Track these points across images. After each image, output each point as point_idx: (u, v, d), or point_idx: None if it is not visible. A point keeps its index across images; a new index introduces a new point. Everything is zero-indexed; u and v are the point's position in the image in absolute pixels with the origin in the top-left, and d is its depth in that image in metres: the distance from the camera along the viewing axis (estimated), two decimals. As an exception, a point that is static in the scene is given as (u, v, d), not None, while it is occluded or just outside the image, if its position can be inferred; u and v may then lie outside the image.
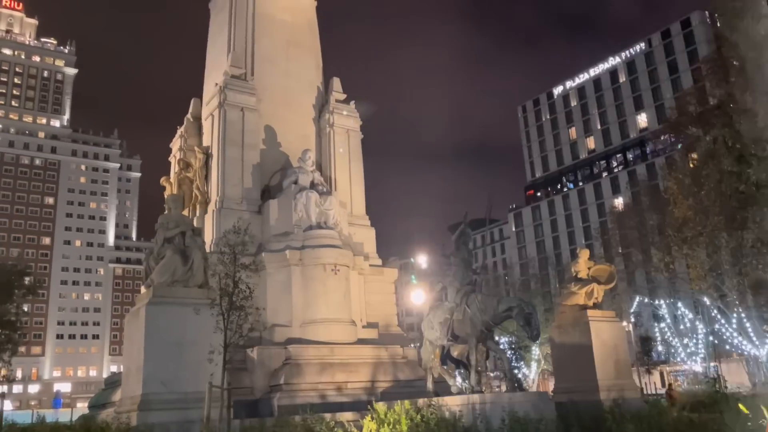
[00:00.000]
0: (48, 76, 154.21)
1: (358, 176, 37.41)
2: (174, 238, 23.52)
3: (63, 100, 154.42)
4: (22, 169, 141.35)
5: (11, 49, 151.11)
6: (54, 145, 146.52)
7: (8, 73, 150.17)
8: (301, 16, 40.12)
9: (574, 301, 26.40)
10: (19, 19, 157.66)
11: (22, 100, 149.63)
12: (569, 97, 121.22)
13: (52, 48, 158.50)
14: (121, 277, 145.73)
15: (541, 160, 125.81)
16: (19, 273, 42.08)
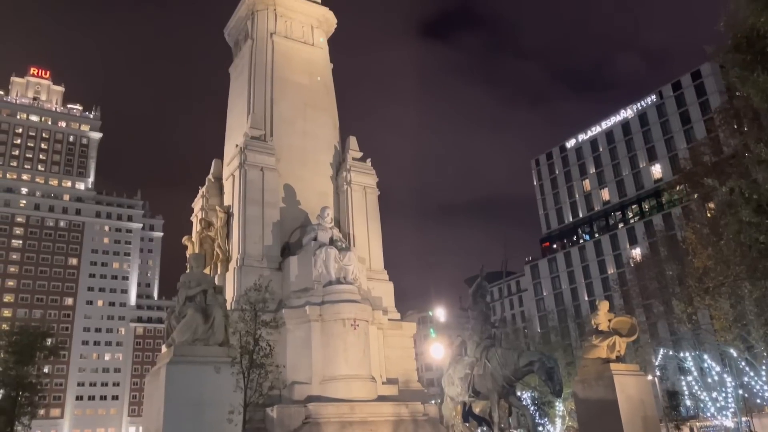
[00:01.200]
0: (73, 140, 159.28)
1: (376, 232, 37.94)
2: (195, 297, 23.86)
3: (88, 163, 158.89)
4: (47, 231, 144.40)
5: (38, 115, 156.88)
6: (78, 207, 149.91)
7: (35, 139, 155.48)
8: (318, 79, 41.67)
9: (596, 354, 25.99)
10: (46, 87, 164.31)
11: (49, 164, 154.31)
12: (582, 149, 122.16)
13: (77, 114, 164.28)
14: (142, 337, 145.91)
15: (556, 213, 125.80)
16: (42, 335, 42.52)
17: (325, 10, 43.30)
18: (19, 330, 42.44)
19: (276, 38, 40.30)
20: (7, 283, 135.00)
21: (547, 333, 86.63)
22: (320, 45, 42.63)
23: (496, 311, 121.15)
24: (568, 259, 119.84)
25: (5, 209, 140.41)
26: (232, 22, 43.82)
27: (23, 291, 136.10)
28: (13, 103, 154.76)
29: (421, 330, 53.98)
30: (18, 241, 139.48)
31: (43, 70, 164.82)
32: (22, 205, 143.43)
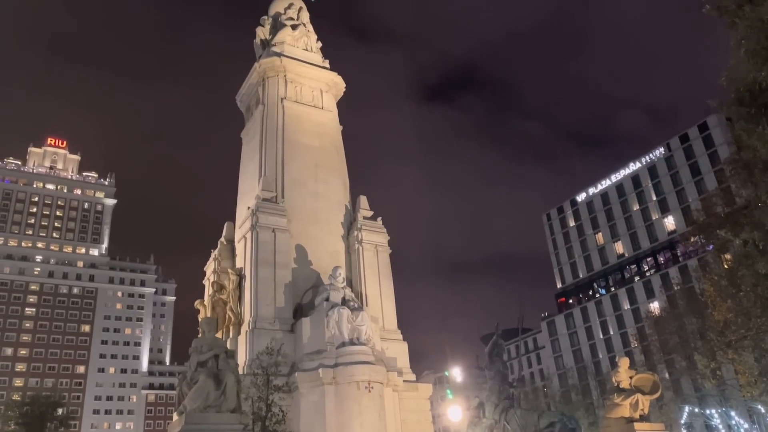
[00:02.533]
0: (88, 207, 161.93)
1: (389, 291, 37.62)
2: (207, 362, 23.50)
3: (102, 229, 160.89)
4: (60, 298, 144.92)
5: (54, 184, 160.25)
6: (92, 274, 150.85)
7: (51, 207, 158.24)
8: (328, 141, 42.43)
9: (619, 413, 25.21)
10: (63, 156, 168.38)
11: (63, 231, 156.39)
12: (593, 203, 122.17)
13: (93, 181, 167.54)
14: (153, 404, 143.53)
15: (570, 267, 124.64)
16: (53, 405, 41.94)
17: (333, 74, 44.49)
18: (30, 400, 41.92)
19: (286, 103, 41.30)
20: (19, 352, 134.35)
21: (567, 391, 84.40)
22: (329, 108, 43.60)
23: (513, 370, 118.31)
24: (585, 314, 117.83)
25: (20, 277, 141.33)
26: (244, 89, 45.07)
27: (35, 360, 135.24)
28: (30, 172, 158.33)
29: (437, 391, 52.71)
30: (31, 309, 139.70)
31: (60, 139, 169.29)
32: (36, 273, 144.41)
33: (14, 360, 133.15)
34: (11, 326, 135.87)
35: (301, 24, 45.89)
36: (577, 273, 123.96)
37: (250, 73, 43.89)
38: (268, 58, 42.50)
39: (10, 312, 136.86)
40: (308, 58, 44.51)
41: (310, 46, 45.63)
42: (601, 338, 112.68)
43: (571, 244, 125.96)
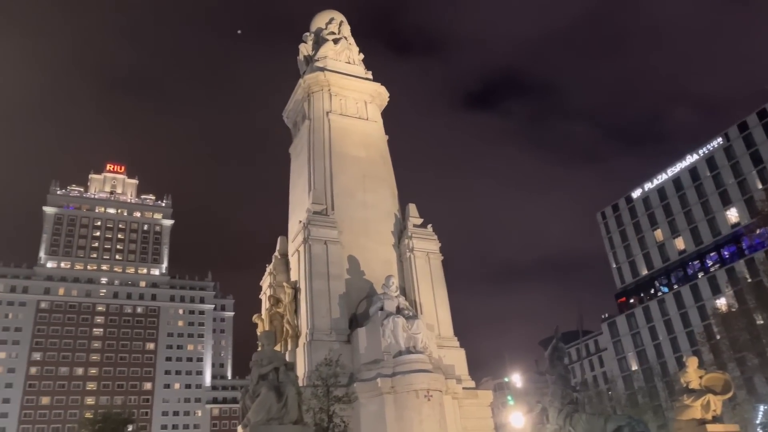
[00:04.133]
0: (147, 229, 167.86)
1: (443, 298, 37.42)
2: (268, 375, 23.89)
3: (161, 249, 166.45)
4: (125, 317, 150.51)
5: (115, 208, 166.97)
6: (154, 293, 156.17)
7: (113, 230, 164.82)
8: (374, 151, 42.71)
9: (689, 415, 24.24)
10: (122, 181, 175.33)
11: (125, 253, 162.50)
12: (649, 199, 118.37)
13: (150, 203, 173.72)
14: (218, 418, 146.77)
15: (629, 266, 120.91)
16: (123, 422, 43.46)
17: (377, 85, 44.82)
18: (102, 417, 43.51)
19: (332, 116, 41.83)
20: (89, 372, 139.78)
21: (633, 394, 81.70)
22: (374, 119, 43.92)
23: (575, 373, 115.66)
24: (647, 314, 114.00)
25: (87, 299, 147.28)
26: (290, 105, 45.89)
27: (105, 378, 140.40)
28: (92, 198, 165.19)
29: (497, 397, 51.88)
30: (99, 329, 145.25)
31: (119, 165, 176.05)
32: (102, 294, 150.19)
33: (85, 379, 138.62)
34: (81, 347, 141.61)
35: (343, 38, 46.50)
36: (636, 272, 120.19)
37: (295, 89, 44.69)
38: (312, 74, 43.18)
39: (79, 333, 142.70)
40: (351, 70, 45.01)
41: (353, 59, 46.15)
42: (666, 338, 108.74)
43: (628, 242, 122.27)
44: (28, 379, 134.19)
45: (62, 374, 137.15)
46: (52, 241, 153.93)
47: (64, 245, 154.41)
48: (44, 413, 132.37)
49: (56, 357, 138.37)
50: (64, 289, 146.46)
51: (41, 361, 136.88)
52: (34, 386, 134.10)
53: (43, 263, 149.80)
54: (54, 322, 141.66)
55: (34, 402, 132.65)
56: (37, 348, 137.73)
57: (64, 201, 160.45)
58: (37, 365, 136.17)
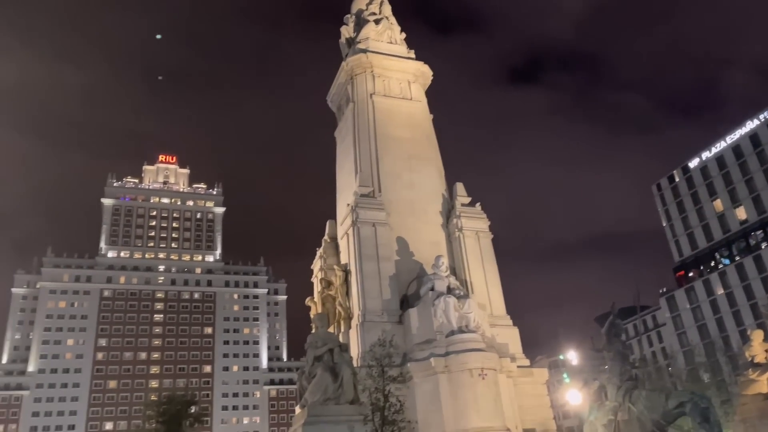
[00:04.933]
0: (201, 217, 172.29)
1: (494, 276, 37.10)
2: (323, 356, 24.30)
3: (214, 236, 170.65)
4: (183, 303, 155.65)
5: (169, 197, 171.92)
6: (209, 279, 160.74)
7: (167, 219, 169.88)
8: (419, 131, 42.40)
9: (755, 389, 23.48)
10: (174, 171, 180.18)
11: (181, 241, 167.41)
12: (708, 168, 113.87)
13: (202, 192, 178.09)
14: (275, 399, 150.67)
15: (688, 238, 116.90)
16: (187, 403, 44.98)
17: (420, 64, 44.34)
18: (166, 400, 45.16)
19: (376, 98, 41.67)
20: (152, 356, 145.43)
21: (694, 369, 79.53)
22: (418, 98, 43.53)
23: (633, 350, 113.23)
24: (708, 287, 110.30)
25: (146, 287, 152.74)
26: (334, 89, 45.94)
27: (167, 362, 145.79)
28: (146, 188, 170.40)
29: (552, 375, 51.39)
30: (159, 315, 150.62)
31: (170, 156, 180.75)
32: (161, 282, 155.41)
33: (148, 363, 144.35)
34: (143, 332, 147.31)
35: (384, 18, 46.10)
36: (695, 244, 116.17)
37: (338, 72, 44.66)
38: (354, 56, 43.05)
39: (140, 319, 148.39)
40: (393, 50, 44.64)
41: (395, 39, 45.73)
42: (729, 311, 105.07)
43: (686, 214, 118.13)
44: (95, 364, 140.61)
45: (127, 359, 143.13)
46: (111, 231, 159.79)
47: (123, 235, 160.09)
48: (112, 396, 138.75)
49: (120, 343, 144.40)
50: (125, 278, 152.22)
51: (107, 347, 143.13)
52: (101, 371, 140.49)
53: (104, 253, 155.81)
54: (117, 310, 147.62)
55: (101, 386, 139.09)
56: (102, 335, 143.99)
57: (121, 192, 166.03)
58: (103, 351, 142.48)
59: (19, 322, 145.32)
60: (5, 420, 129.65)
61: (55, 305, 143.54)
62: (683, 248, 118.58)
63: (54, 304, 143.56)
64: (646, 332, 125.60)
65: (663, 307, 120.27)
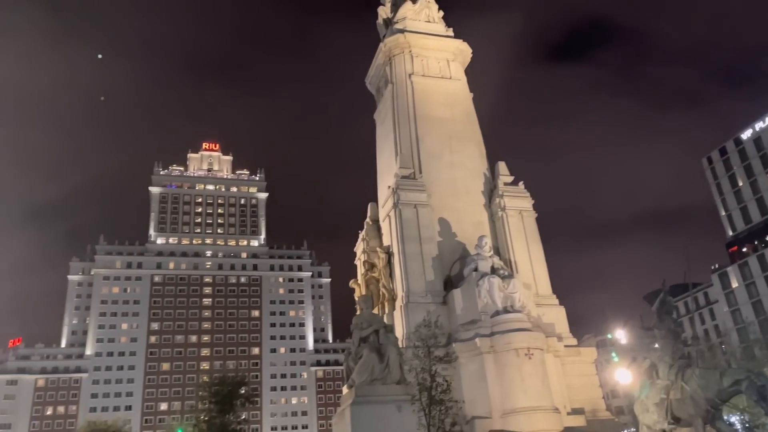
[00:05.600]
0: (244, 203, 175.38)
1: (538, 255, 36.66)
2: (369, 337, 24.65)
3: (258, 221, 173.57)
4: (230, 287, 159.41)
5: (213, 184, 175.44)
6: (255, 263, 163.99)
7: (213, 205, 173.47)
8: (459, 110, 41.91)
9: (815, 367, 22.64)
10: (217, 158, 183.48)
11: (226, 226, 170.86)
12: (761, 139, 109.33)
13: (245, 178, 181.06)
14: (322, 379, 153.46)
15: (741, 212, 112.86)
16: (238, 384, 46.13)
17: (458, 42, 43.71)
18: (218, 381, 46.40)
19: (414, 78, 41.33)
20: (202, 339, 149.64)
21: (749, 347, 77.19)
22: (458, 77, 42.99)
23: (684, 328, 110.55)
24: (762, 263, 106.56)
25: (195, 272, 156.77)
26: (372, 71, 45.74)
27: (216, 344, 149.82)
28: (191, 176, 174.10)
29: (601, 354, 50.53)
30: (208, 299, 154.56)
31: (213, 143, 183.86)
32: (208, 267, 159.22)
33: (199, 346, 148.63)
34: (193, 316, 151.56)
35: (421, -4, 45.47)
36: (749, 218, 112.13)
37: (376, 54, 44.41)
38: (392, 37, 42.71)
39: (190, 303, 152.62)
40: (431, 29, 44.09)
41: (432, 17, 45.14)
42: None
43: (739, 187, 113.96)
44: (148, 347, 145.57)
45: (178, 342, 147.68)
46: (159, 219, 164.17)
47: (171, 222, 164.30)
48: (165, 378, 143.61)
49: (172, 326, 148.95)
50: (174, 263, 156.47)
51: (159, 330, 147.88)
52: (154, 354, 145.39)
53: (154, 240, 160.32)
54: (167, 294, 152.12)
55: (155, 368, 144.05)
56: (155, 319, 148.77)
57: (167, 180, 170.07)
58: (156, 335, 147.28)
59: (76, 308, 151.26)
60: (66, 401, 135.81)
61: (108, 291, 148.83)
62: (736, 223, 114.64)
63: (108, 290, 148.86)
64: (698, 309, 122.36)
65: (715, 283, 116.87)
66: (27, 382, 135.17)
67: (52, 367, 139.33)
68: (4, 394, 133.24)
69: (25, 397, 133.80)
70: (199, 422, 46.54)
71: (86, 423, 63.50)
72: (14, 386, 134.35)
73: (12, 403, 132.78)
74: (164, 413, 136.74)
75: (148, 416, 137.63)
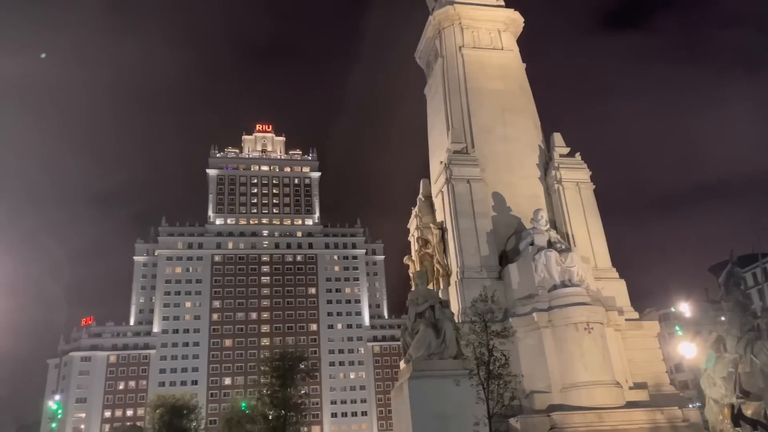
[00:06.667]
0: (298, 182, 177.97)
1: (597, 228, 35.79)
2: (424, 313, 24.83)
3: (312, 201, 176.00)
4: (287, 266, 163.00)
5: (268, 165, 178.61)
6: (310, 242, 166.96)
7: (268, 186, 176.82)
8: (512, 82, 41.00)
9: None
10: (270, 139, 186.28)
11: (281, 206, 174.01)
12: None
13: (298, 158, 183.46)
14: (379, 355, 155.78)
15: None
16: (297, 359, 47.42)
17: (510, 11, 42.63)
18: (278, 356, 47.80)
19: (465, 50, 40.64)
20: (262, 316, 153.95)
21: (823, 319, 73.58)
22: (510, 47, 42.02)
23: (753, 300, 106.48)
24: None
25: (253, 251, 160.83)
26: (421, 45, 45.21)
27: (275, 321, 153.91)
28: (246, 157, 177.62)
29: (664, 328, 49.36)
30: (266, 277, 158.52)
31: (266, 124, 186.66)
32: (265, 246, 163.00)
33: (259, 323, 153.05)
34: (252, 294, 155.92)
35: (469, -35, 44.44)
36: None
37: (425, 27, 43.82)
38: (441, 9, 42.02)
39: (249, 282, 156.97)
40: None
41: (482, -13, 44.09)
42: None
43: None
44: (211, 324, 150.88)
45: (239, 319, 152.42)
46: (217, 200, 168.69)
47: (228, 203, 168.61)
48: (228, 354, 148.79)
49: (233, 304, 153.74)
50: (232, 243, 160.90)
51: (220, 308, 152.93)
52: (217, 330, 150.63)
53: (213, 221, 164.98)
54: (227, 273, 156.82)
55: (218, 344, 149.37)
56: (216, 297, 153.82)
57: (223, 162, 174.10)
58: (218, 312, 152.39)
59: (142, 288, 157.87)
60: (136, 376, 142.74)
61: (172, 271, 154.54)
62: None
63: (171, 270, 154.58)
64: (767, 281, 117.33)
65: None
66: (100, 358, 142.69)
67: (123, 344, 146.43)
68: (80, 369, 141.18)
69: (99, 373, 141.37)
70: (263, 396, 48.17)
71: (156, 396, 66.61)
72: (88, 362, 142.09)
73: (87, 378, 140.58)
74: (228, 387, 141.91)
75: (213, 390, 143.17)
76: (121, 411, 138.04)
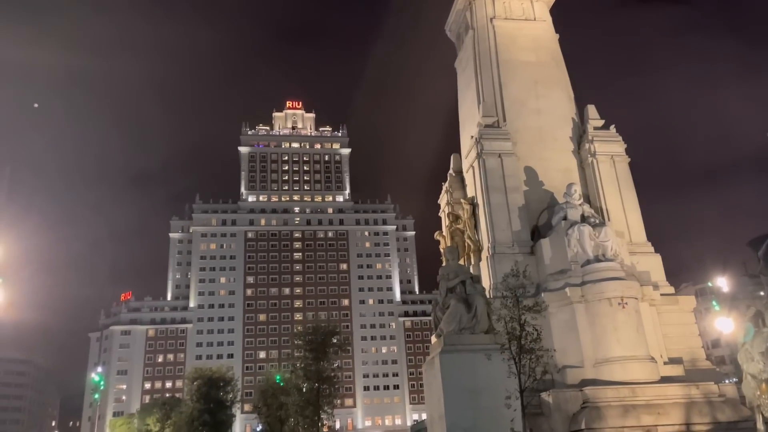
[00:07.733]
0: (328, 159, 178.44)
1: (632, 202, 35.11)
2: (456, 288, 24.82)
3: (342, 177, 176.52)
4: (318, 242, 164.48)
5: (298, 142, 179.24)
6: (341, 218, 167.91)
7: (299, 162, 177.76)
8: (545, 53, 40.11)
9: None
10: (300, 116, 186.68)
11: (312, 183, 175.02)
12: None
13: (328, 135, 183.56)
14: (410, 330, 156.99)
15: None
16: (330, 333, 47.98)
17: (542, -20, 41.59)
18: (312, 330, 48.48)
19: (496, 22, 39.88)
20: (294, 291, 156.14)
21: None
22: (543, 18, 41.07)
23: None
24: None
25: (285, 228, 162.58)
26: (452, 17, 44.49)
27: (308, 296, 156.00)
28: (277, 135, 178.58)
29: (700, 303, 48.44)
30: (298, 254, 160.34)
31: (296, 101, 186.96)
32: (297, 222, 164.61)
33: (292, 298, 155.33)
34: (285, 269, 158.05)
35: (501, -67, 43.34)
36: None
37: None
38: (471, -20, 41.20)
39: (282, 258, 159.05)
40: (512, -32, 42.09)
41: (513, -45, 43.02)
42: None
43: None
44: (245, 299, 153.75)
45: (272, 294, 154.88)
46: (249, 177, 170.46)
47: (260, 180, 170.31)
48: (262, 328, 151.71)
49: (266, 279, 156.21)
50: (265, 220, 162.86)
51: (254, 283, 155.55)
52: (251, 305, 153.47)
53: (245, 198, 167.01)
54: (260, 249, 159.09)
55: (253, 319, 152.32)
56: (250, 272, 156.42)
57: (254, 140, 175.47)
58: (251, 287, 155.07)
59: (178, 264, 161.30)
60: (174, 350, 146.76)
61: (206, 247, 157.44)
62: None
63: (206, 246, 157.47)
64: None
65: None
66: (139, 332, 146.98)
67: (161, 318, 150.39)
68: (120, 343, 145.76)
69: (138, 346, 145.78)
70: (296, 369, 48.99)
71: (193, 369, 68.31)
72: (128, 336, 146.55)
73: (127, 351, 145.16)
74: (263, 361, 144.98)
75: (249, 363, 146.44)
76: (160, 383, 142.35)
